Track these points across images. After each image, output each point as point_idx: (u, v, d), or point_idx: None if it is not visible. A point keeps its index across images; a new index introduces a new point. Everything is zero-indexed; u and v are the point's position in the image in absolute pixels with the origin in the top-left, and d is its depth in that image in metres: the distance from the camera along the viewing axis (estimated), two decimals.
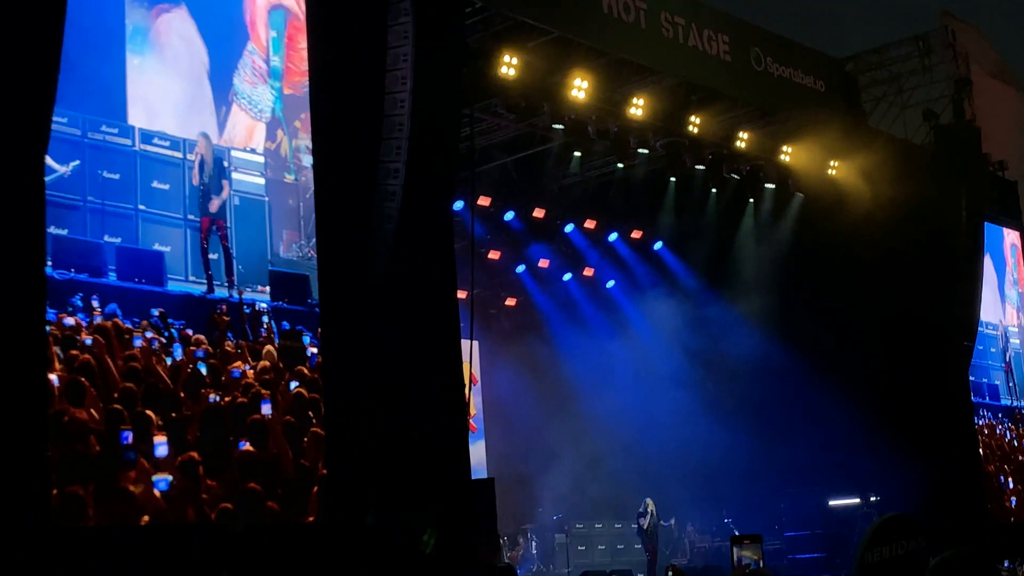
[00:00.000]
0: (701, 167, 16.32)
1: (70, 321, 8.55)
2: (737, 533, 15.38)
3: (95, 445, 8.48)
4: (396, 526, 9.93)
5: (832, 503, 17.61)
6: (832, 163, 17.10)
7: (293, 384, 9.63)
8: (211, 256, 9.26)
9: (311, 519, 9.55)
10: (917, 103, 17.85)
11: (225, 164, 9.52)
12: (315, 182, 9.99)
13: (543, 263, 18.33)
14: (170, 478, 8.74)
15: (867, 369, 16.61)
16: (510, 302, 18.94)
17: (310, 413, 9.67)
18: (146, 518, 8.66)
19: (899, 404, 16.34)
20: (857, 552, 2.42)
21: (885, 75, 17.96)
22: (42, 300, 8.11)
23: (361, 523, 9.68)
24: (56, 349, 8.44)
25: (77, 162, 8.48)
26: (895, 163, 16.41)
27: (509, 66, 13.43)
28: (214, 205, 9.36)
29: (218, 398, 9.16)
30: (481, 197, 16.22)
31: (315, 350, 9.83)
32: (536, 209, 17.43)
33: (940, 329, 16.75)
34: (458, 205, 14.91)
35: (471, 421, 17.12)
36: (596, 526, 17.88)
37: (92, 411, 8.55)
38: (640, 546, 16.89)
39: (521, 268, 18.43)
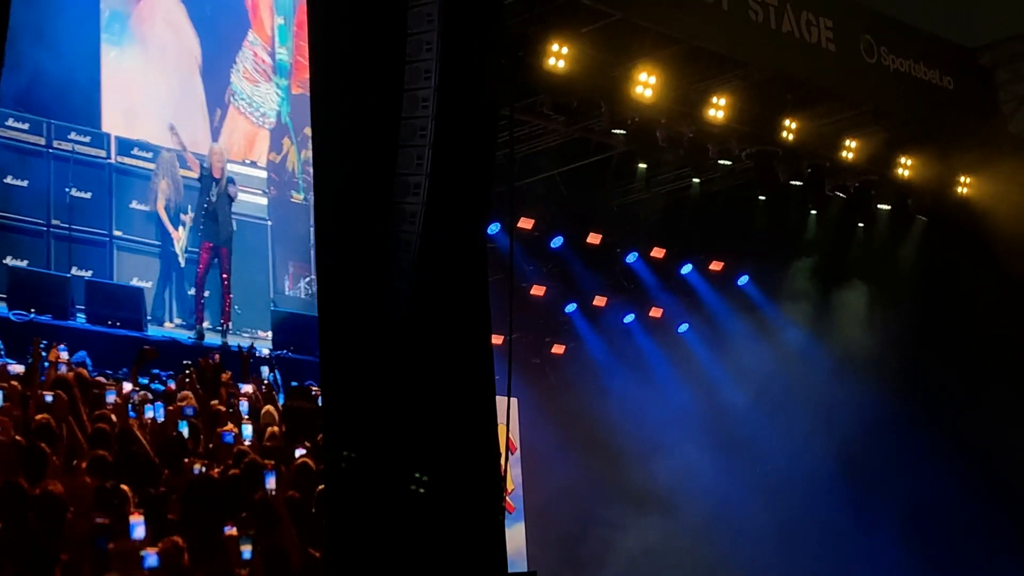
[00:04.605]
0: (798, 183, 16.39)
1: (19, 370, 8.71)
2: None
3: (57, 528, 8.63)
4: None
5: None
6: (963, 179, 17.18)
7: (299, 452, 9.75)
8: (204, 294, 9.44)
9: None
10: None
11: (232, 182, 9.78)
12: (315, 200, 10.06)
13: (599, 301, 18.40)
14: (154, 563, 8.88)
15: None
16: (557, 349, 19.01)
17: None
18: None
19: None
20: None
21: None
22: None
23: None
24: (9, 407, 8.62)
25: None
26: None
27: (558, 57, 13.60)
28: (220, 231, 9.58)
29: (203, 468, 9.33)
30: (522, 219, 16.34)
31: None
32: (591, 234, 17.52)
33: None
34: (493, 228, 15.06)
35: (508, 499, 17.25)
36: None
37: (53, 485, 8.72)
38: None
39: (572, 307, 18.51)
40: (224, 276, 9.63)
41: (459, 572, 10.29)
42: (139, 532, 8.87)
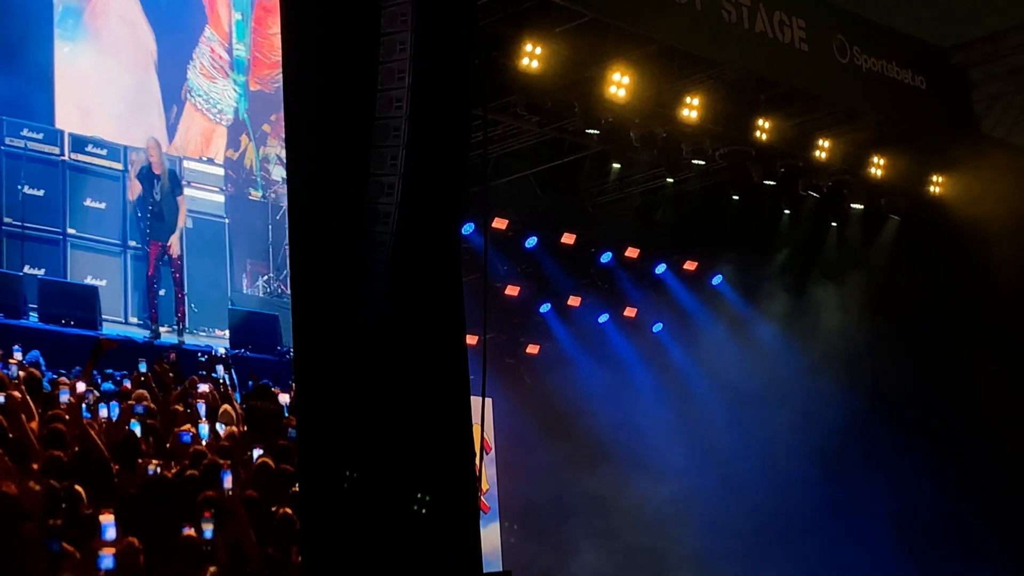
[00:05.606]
0: (771, 183, 16.31)
1: None
2: None
3: (11, 530, 8.46)
4: None
5: None
6: (935, 178, 17.12)
7: (257, 452, 9.61)
8: (159, 293, 9.29)
9: None
10: None
11: (180, 178, 9.60)
12: (288, 200, 10.01)
13: (573, 301, 18.29)
14: (110, 565, 8.72)
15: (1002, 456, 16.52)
16: (532, 349, 18.87)
17: (279, 489, 9.62)
18: None
19: None
20: None
21: (1003, 69, 17.92)
22: None
23: None
24: None
25: None
26: (1016, 179, 16.38)
27: (532, 57, 13.51)
28: (166, 229, 9.41)
29: (158, 469, 9.19)
30: (496, 219, 16.23)
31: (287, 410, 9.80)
32: (565, 234, 17.43)
33: None
34: (468, 229, 14.95)
35: (483, 499, 17.12)
36: None
37: (5, 486, 8.56)
38: None
39: (546, 307, 18.40)
40: (176, 275, 9.49)
41: (435, 572, 10.19)
42: (110, 533, 8.72)
